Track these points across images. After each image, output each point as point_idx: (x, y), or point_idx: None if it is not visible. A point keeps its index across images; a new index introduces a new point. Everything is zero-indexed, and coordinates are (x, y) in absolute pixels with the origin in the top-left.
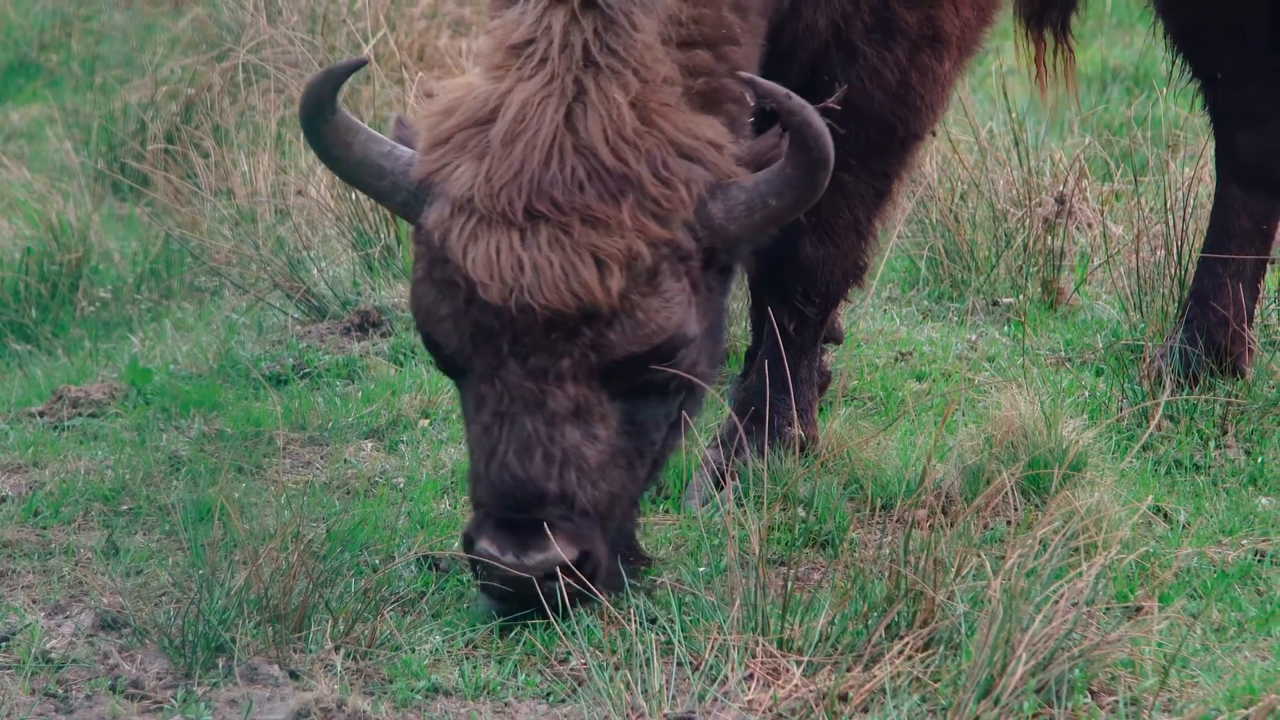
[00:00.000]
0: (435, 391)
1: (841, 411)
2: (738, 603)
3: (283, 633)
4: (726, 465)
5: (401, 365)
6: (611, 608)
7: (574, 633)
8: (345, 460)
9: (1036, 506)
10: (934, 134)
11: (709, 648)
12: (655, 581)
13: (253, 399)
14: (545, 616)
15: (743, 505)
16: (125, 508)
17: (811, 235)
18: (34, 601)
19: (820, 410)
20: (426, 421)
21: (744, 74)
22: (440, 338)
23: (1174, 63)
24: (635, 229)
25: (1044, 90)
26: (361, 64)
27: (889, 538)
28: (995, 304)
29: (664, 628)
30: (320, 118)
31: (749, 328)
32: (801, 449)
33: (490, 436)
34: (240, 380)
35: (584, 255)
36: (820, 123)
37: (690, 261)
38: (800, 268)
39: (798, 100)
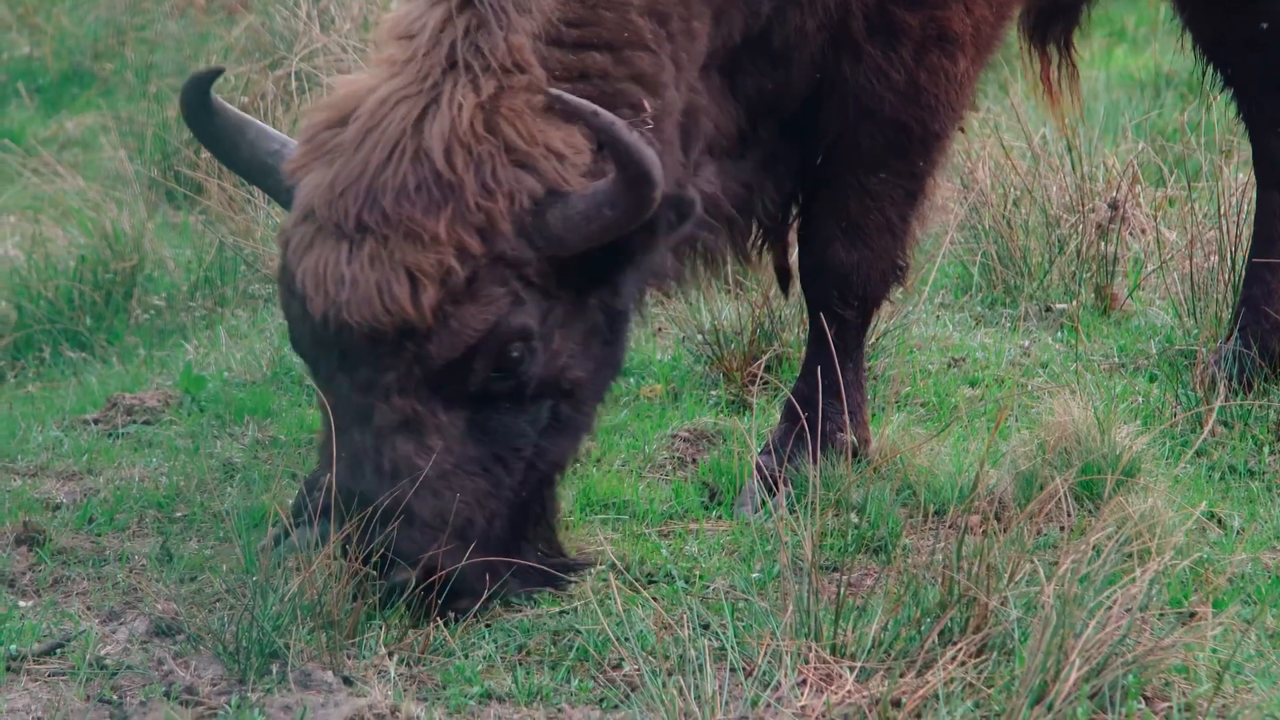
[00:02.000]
0: None
1: (894, 418)
2: (790, 608)
3: (336, 639)
4: (779, 471)
5: None
6: (664, 613)
7: (627, 638)
8: None
9: (1090, 512)
10: (963, 129)
11: (762, 653)
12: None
13: (306, 405)
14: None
15: (795, 511)
16: (179, 514)
17: (843, 239)
18: (88, 608)
19: (873, 416)
20: None
21: (553, 90)
22: (295, 337)
23: (1204, 74)
24: (450, 243)
25: (1052, 105)
26: (219, 72)
27: (942, 543)
28: (1048, 310)
29: (717, 633)
30: (200, 122)
31: (803, 336)
32: (854, 453)
33: (327, 448)
34: (294, 387)
35: (399, 271)
36: (631, 138)
37: (526, 269)
38: (834, 272)
39: (606, 117)
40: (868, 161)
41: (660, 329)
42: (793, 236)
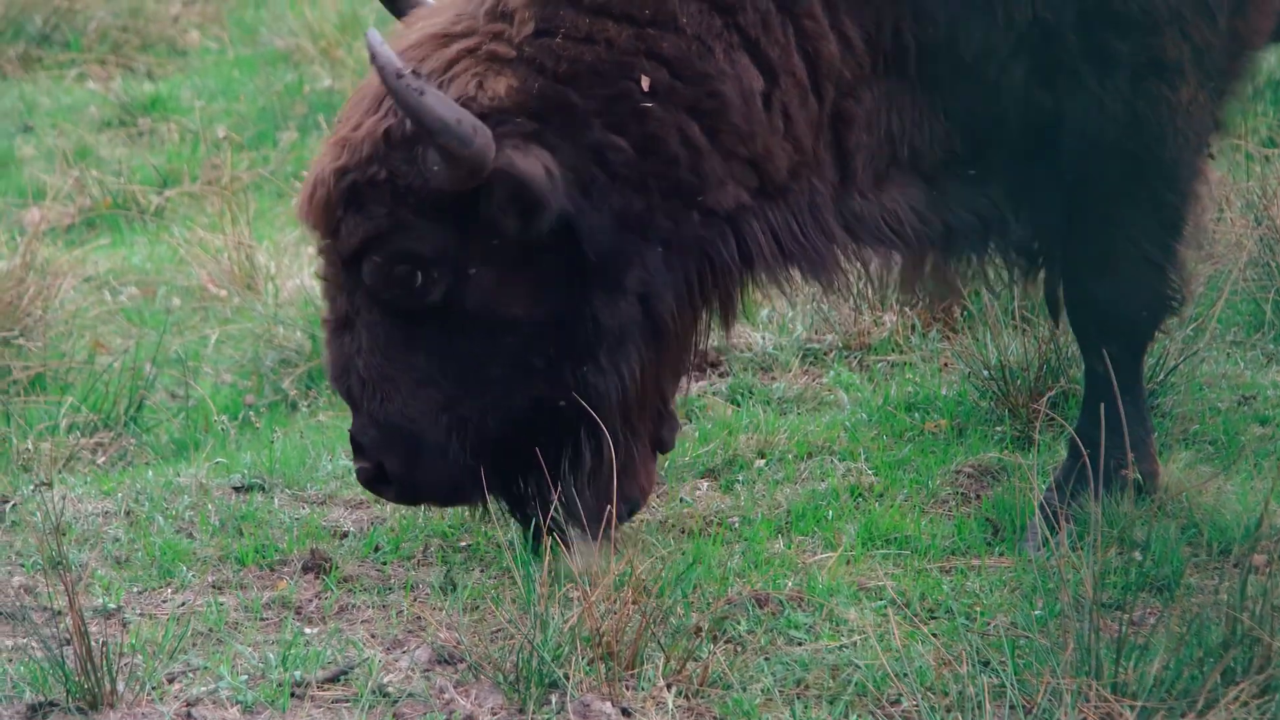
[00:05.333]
0: (771, 432)
1: (1181, 455)
2: (1071, 646)
3: (615, 670)
4: (1062, 508)
5: (738, 405)
6: (943, 649)
7: (906, 674)
8: (681, 499)
9: None
10: (1212, 155)
11: (1042, 691)
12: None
13: None
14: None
15: (1077, 548)
16: (463, 544)
17: (1096, 274)
18: (372, 636)
19: (1160, 453)
20: (762, 461)
21: (369, 31)
22: None
23: None
24: (338, 151)
25: None
26: None
27: (1226, 583)
28: None
29: (996, 670)
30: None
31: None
32: (1139, 489)
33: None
34: None
35: (313, 172)
36: (398, 84)
37: (413, 196)
38: (1093, 309)
39: (384, 56)
40: (1108, 193)
41: (946, 364)
42: None
